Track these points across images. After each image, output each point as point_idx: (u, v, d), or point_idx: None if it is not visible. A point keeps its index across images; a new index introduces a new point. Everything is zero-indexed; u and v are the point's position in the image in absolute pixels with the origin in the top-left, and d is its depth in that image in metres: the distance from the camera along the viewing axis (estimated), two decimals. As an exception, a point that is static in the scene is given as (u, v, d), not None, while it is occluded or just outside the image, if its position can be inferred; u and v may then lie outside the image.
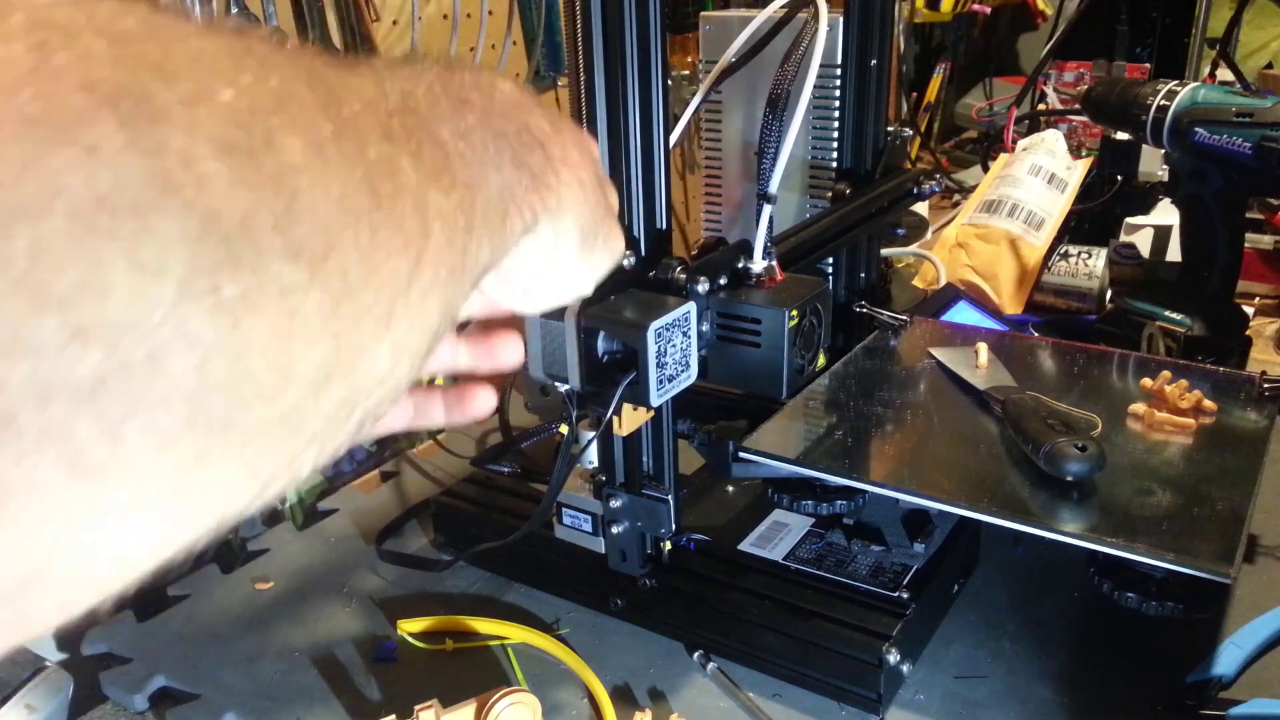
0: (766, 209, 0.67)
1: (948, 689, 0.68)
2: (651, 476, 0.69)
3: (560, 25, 0.70)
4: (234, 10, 0.82)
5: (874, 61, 0.86)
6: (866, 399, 0.78)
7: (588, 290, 0.39)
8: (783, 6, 0.74)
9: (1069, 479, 0.64)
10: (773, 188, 0.67)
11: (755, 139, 0.69)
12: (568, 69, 0.61)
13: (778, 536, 0.76)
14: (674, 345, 0.59)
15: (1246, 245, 1.05)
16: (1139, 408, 0.74)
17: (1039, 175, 1.28)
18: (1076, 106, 1.49)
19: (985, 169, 1.45)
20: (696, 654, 0.71)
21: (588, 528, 0.71)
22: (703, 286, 0.62)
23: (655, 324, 0.57)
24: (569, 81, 0.61)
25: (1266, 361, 1.10)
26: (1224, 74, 1.39)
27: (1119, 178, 1.31)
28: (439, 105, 0.28)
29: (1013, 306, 1.21)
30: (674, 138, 0.68)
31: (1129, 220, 1.31)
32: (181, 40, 0.20)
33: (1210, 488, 0.65)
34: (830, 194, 0.87)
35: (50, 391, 0.17)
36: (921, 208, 1.09)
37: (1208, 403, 0.74)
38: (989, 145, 1.57)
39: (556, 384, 0.61)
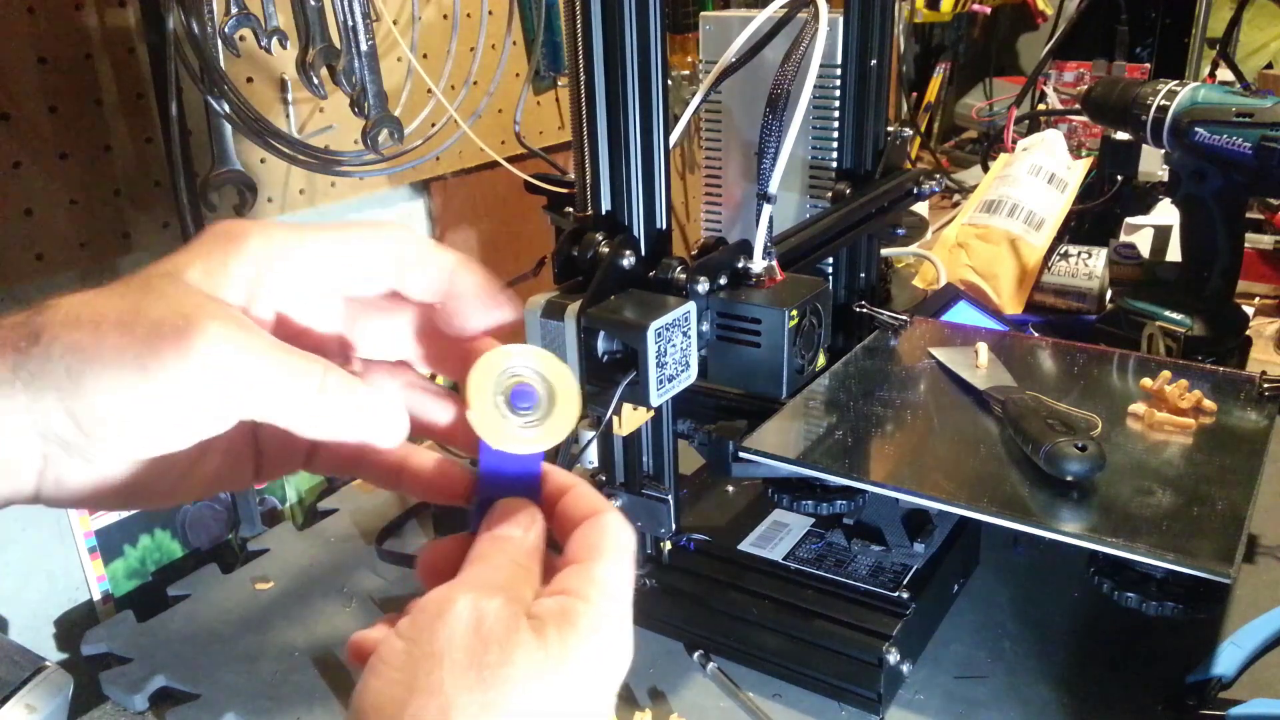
0: (766, 209, 0.67)
1: (948, 689, 0.68)
2: (651, 476, 0.69)
3: (560, 25, 0.70)
4: (234, 10, 0.82)
5: (874, 61, 0.86)
6: (866, 399, 0.78)
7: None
8: (783, 6, 0.74)
9: (1069, 479, 0.64)
10: (773, 188, 0.67)
11: (755, 139, 0.69)
12: (568, 69, 0.61)
13: (778, 536, 0.76)
14: (674, 345, 0.59)
15: (1246, 245, 1.05)
16: (1139, 408, 0.74)
17: (1039, 175, 1.28)
18: (1076, 106, 1.49)
19: (985, 169, 1.45)
20: (696, 654, 0.71)
21: (588, 528, 0.71)
22: (703, 286, 0.62)
23: (655, 324, 0.57)
24: (569, 81, 0.61)
25: (1266, 361, 1.10)
26: (1224, 74, 1.39)
27: (1119, 178, 1.31)
28: None
29: (1013, 306, 1.21)
30: (674, 138, 0.68)
31: (1129, 220, 1.31)
32: None
33: (1210, 488, 0.65)
34: (830, 194, 0.87)
35: None
36: (921, 208, 1.09)
37: (1208, 403, 0.74)
38: (989, 145, 1.57)
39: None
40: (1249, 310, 1.08)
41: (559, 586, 0.34)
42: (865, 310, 0.91)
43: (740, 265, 0.67)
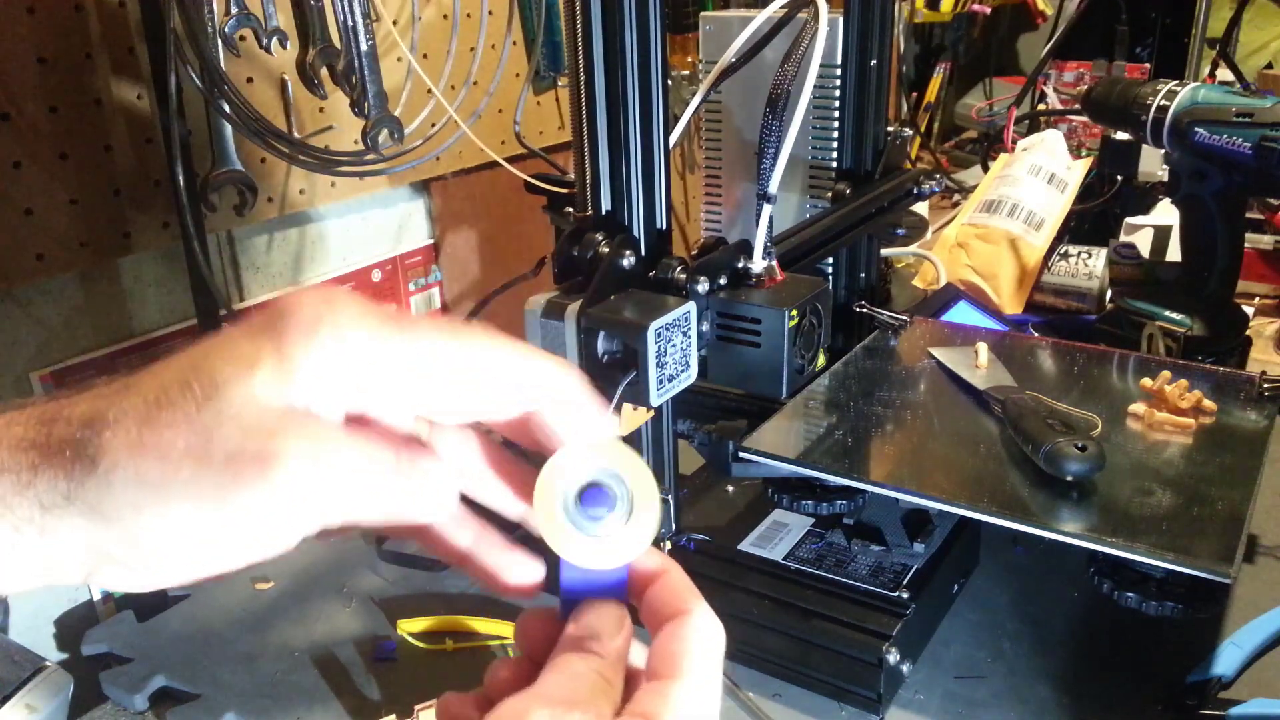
0: (766, 209, 0.67)
1: (948, 689, 0.68)
2: (651, 476, 0.69)
3: (560, 25, 0.70)
4: (234, 10, 0.82)
5: (874, 61, 0.86)
6: (866, 399, 0.78)
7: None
8: (783, 6, 0.74)
9: (1069, 479, 0.64)
10: (773, 188, 0.67)
11: (755, 139, 0.69)
12: (568, 69, 0.61)
13: (778, 536, 0.76)
14: (674, 345, 0.59)
15: (1246, 245, 1.05)
16: (1139, 408, 0.74)
17: (1039, 175, 1.28)
18: (1076, 106, 1.49)
19: (985, 169, 1.45)
20: (696, 654, 0.71)
21: (588, 528, 0.71)
22: (703, 286, 0.62)
23: (655, 324, 0.57)
24: (569, 81, 0.61)
25: (1266, 361, 1.10)
26: (1224, 74, 1.39)
27: (1119, 178, 1.31)
28: None
29: (1013, 306, 1.21)
30: (674, 138, 0.68)
31: (1129, 220, 1.31)
32: None
33: (1210, 488, 0.65)
34: (830, 194, 0.87)
35: None
36: (921, 208, 1.09)
37: (1208, 403, 0.74)
38: (989, 145, 1.57)
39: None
40: (1249, 310, 1.08)
41: (637, 708, 0.32)
42: (865, 310, 0.91)
43: (740, 265, 0.67)
